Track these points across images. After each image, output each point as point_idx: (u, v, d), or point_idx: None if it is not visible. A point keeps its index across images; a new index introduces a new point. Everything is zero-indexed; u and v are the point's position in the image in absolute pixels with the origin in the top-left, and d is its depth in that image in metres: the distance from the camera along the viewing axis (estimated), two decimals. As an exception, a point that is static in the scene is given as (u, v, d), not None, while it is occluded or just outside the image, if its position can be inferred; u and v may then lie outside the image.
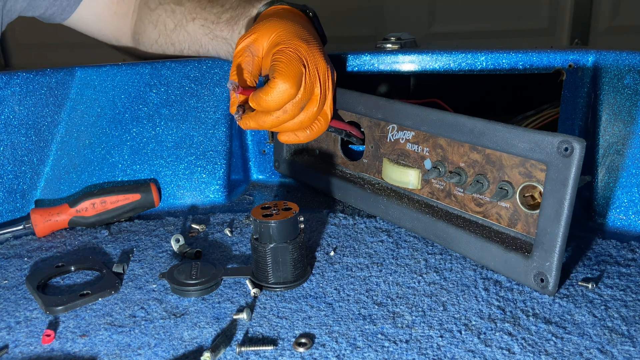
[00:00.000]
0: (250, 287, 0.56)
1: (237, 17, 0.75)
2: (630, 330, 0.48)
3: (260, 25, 0.65)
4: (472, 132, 0.57)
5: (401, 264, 0.60)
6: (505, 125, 0.54)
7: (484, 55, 0.75)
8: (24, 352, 0.48)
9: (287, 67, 0.60)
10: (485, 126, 0.56)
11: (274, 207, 0.57)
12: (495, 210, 0.57)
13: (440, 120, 0.60)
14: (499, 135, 0.54)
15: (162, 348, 0.48)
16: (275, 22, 0.65)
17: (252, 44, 0.65)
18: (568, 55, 0.72)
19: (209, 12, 0.78)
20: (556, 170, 0.50)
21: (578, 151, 0.49)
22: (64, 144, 0.76)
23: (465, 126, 0.57)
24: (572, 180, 0.49)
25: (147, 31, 0.85)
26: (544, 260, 0.52)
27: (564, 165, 0.50)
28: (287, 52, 0.61)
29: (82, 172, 0.76)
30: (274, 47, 0.62)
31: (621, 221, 0.66)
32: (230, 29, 0.76)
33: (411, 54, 0.78)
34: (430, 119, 0.61)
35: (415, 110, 0.62)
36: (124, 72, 0.77)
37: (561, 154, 0.50)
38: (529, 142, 0.52)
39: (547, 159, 0.51)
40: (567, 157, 0.49)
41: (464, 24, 2.26)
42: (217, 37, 0.78)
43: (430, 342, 0.47)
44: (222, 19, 0.77)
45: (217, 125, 0.79)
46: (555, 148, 0.50)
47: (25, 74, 0.73)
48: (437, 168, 0.61)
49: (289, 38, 0.63)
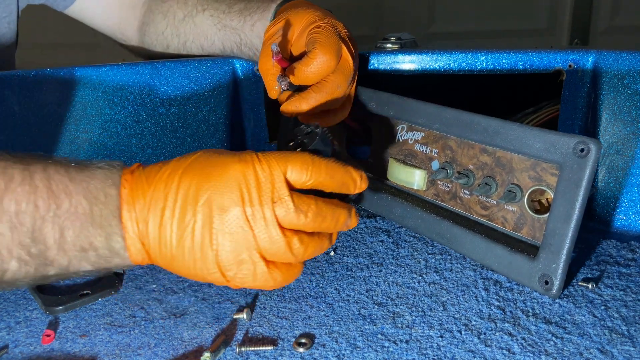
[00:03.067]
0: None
1: (252, 9, 0.74)
2: (630, 330, 0.48)
3: (288, 13, 0.65)
4: (486, 131, 0.56)
5: (401, 264, 0.60)
6: (520, 125, 0.54)
7: (484, 55, 0.75)
8: (23, 352, 0.48)
9: (327, 39, 0.60)
10: (500, 125, 0.55)
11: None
12: (501, 214, 0.57)
13: (454, 118, 0.59)
14: (514, 135, 0.54)
15: (162, 348, 0.48)
16: (305, 7, 0.65)
17: (283, 27, 0.65)
18: (568, 55, 0.72)
19: (220, 3, 0.78)
20: (570, 171, 0.50)
21: (594, 152, 0.49)
22: (64, 144, 0.76)
23: (479, 125, 0.57)
24: (586, 181, 0.49)
25: (156, 21, 0.85)
26: (550, 262, 0.52)
27: (578, 166, 0.49)
28: (326, 27, 0.62)
29: (82, 172, 0.76)
30: (310, 26, 0.63)
31: (621, 221, 0.66)
32: (242, 19, 0.75)
33: (411, 54, 0.78)
34: (444, 116, 0.60)
35: (429, 108, 0.62)
36: (124, 72, 0.77)
37: (577, 154, 0.50)
38: (544, 142, 0.52)
39: (561, 160, 0.51)
40: (583, 158, 0.49)
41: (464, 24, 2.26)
42: (226, 27, 0.77)
43: (430, 342, 0.47)
44: (233, 9, 0.76)
45: (217, 126, 0.79)
46: (571, 149, 0.50)
47: (25, 74, 0.73)
48: (445, 169, 0.61)
49: (324, 16, 0.63)
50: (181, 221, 0.45)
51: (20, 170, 0.44)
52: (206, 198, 0.45)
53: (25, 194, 0.44)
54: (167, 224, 0.45)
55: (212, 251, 0.45)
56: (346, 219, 0.50)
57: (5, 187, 0.43)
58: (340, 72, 0.61)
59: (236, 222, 0.45)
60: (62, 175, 0.45)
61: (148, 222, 0.46)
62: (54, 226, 0.44)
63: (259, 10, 0.74)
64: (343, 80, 0.62)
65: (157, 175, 0.46)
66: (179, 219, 0.45)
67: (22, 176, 0.44)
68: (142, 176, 0.47)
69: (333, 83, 0.61)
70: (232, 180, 0.45)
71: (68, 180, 0.45)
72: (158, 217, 0.45)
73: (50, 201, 0.44)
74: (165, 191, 0.45)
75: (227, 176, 0.45)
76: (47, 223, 0.44)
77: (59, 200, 0.45)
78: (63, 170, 0.45)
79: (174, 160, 0.48)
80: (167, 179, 0.46)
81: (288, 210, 0.46)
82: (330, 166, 0.48)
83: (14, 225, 0.44)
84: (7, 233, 0.43)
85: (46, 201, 0.44)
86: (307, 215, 0.47)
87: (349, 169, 0.50)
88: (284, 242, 0.46)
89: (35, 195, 0.44)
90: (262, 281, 0.47)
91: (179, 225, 0.45)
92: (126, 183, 0.46)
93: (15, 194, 0.43)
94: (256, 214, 0.45)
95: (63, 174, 0.45)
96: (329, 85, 0.61)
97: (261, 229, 0.45)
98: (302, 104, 0.60)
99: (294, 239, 0.47)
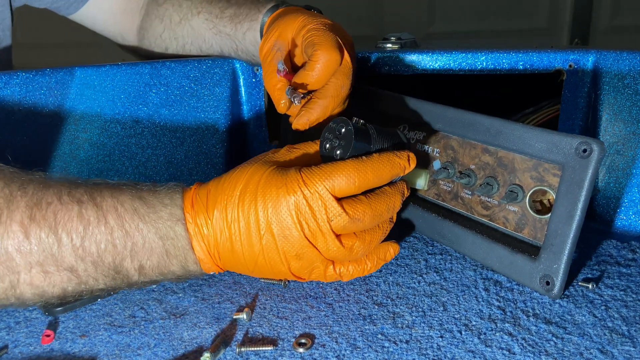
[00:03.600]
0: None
1: (242, 17, 0.75)
2: (630, 330, 0.48)
3: (278, 23, 0.66)
4: (488, 130, 0.56)
5: (401, 264, 0.60)
6: (522, 125, 0.54)
7: (484, 55, 0.75)
8: (23, 352, 0.48)
9: (323, 38, 0.60)
10: (503, 125, 0.55)
11: None
12: (503, 214, 0.57)
13: (456, 118, 0.59)
14: (516, 135, 0.54)
15: (162, 348, 0.48)
16: (291, 15, 0.65)
17: (276, 40, 0.65)
18: (568, 55, 0.72)
19: (214, 6, 0.78)
20: (572, 171, 0.50)
21: (597, 153, 0.49)
22: (64, 144, 0.76)
23: (482, 125, 0.57)
24: (588, 182, 0.49)
25: (153, 25, 0.85)
26: (551, 263, 0.51)
27: (581, 166, 0.49)
28: (318, 27, 0.62)
29: (82, 172, 0.75)
30: (302, 30, 0.63)
31: (621, 221, 0.66)
32: (234, 27, 0.75)
33: (411, 54, 0.78)
34: (447, 116, 0.60)
35: (432, 108, 0.62)
36: (124, 72, 0.77)
37: (579, 155, 0.49)
38: (547, 143, 0.52)
39: (564, 160, 0.51)
40: (585, 159, 0.49)
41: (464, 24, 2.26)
42: (221, 33, 0.77)
43: (431, 343, 0.47)
44: (225, 14, 0.76)
45: (217, 126, 0.79)
46: (573, 149, 0.50)
47: (25, 74, 0.73)
48: (447, 169, 0.61)
49: (313, 18, 0.64)
50: (250, 249, 0.50)
51: (95, 212, 0.49)
52: (267, 228, 0.49)
53: (102, 234, 0.49)
54: (239, 251, 0.51)
55: (285, 267, 0.51)
56: (400, 201, 0.54)
57: (84, 231, 0.48)
58: (340, 72, 0.61)
59: (299, 244, 0.50)
60: (132, 215, 0.50)
61: (219, 249, 0.51)
62: (132, 260, 0.50)
63: (247, 19, 0.74)
64: (345, 79, 0.61)
65: (215, 206, 0.51)
66: (247, 248, 0.50)
67: (97, 219, 0.49)
68: (202, 207, 0.51)
69: (335, 85, 0.61)
70: (287, 213, 0.49)
71: (138, 219, 0.50)
72: (228, 246, 0.51)
73: (126, 240, 0.49)
74: (228, 223, 0.50)
75: (281, 209, 0.49)
76: (126, 259, 0.50)
77: (134, 238, 0.50)
78: (132, 209, 0.50)
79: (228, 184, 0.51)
80: (225, 209, 0.50)
81: (345, 222, 0.49)
82: (375, 167, 0.51)
83: (96, 262, 0.49)
84: (91, 268, 0.49)
85: (122, 240, 0.49)
86: (364, 221, 0.51)
87: (393, 160, 0.52)
88: (345, 251, 0.51)
89: (112, 236, 0.49)
90: (333, 279, 0.54)
91: (250, 251, 0.50)
92: (189, 217, 0.51)
93: (94, 237, 0.49)
94: (316, 235, 0.49)
95: (132, 213, 0.50)
96: (332, 87, 0.60)
97: (323, 246, 0.50)
98: (311, 115, 0.60)
99: (354, 243, 0.51)
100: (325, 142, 0.54)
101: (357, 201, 0.50)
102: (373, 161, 0.51)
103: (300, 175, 0.49)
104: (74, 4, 0.86)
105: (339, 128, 0.53)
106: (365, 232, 0.52)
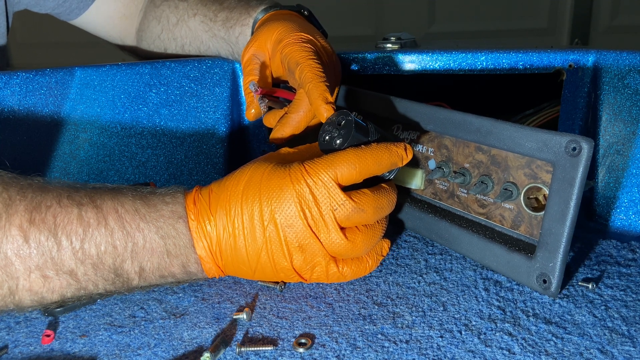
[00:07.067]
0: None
1: (233, 21, 0.75)
2: (630, 330, 0.48)
3: (258, 32, 0.67)
4: (479, 131, 0.57)
5: (401, 264, 0.60)
6: (512, 125, 0.54)
7: (484, 55, 0.75)
8: (23, 352, 0.48)
9: (301, 55, 0.60)
10: (493, 125, 0.55)
11: None
12: (499, 212, 0.57)
13: (447, 118, 0.59)
14: (506, 134, 0.54)
15: (162, 348, 0.48)
16: (271, 24, 0.66)
17: (256, 51, 0.66)
18: (568, 55, 0.72)
19: (208, 9, 0.79)
20: (563, 169, 0.50)
21: (586, 151, 0.49)
22: (64, 144, 0.76)
23: (472, 125, 0.57)
24: (579, 180, 0.49)
25: (151, 27, 0.86)
26: (547, 261, 0.52)
27: (571, 165, 0.49)
28: (293, 44, 0.62)
29: (82, 172, 0.75)
30: (278, 45, 0.63)
31: (621, 221, 0.66)
32: (227, 31, 0.76)
33: (411, 54, 0.78)
34: (437, 117, 0.61)
35: (422, 109, 0.62)
36: (124, 72, 0.77)
37: (569, 153, 0.49)
38: (536, 142, 0.52)
39: (554, 159, 0.51)
40: (575, 157, 0.49)
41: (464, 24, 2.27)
42: (216, 36, 0.78)
43: (431, 343, 0.47)
44: (218, 18, 0.77)
45: (217, 125, 0.79)
46: (563, 147, 0.50)
47: (25, 74, 0.73)
48: (442, 168, 0.61)
49: (289, 32, 0.64)
50: (253, 243, 0.50)
51: (94, 214, 0.49)
52: (270, 218, 0.50)
53: (102, 236, 0.48)
54: (242, 247, 0.51)
55: (287, 262, 0.51)
56: (396, 198, 0.55)
57: (84, 233, 0.48)
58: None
59: (302, 235, 0.50)
60: (133, 215, 0.50)
61: (222, 247, 0.51)
62: (133, 262, 0.50)
63: (238, 24, 0.75)
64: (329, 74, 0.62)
65: (218, 203, 0.51)
66: (251, 242, 0.50)
67: (97, 220, 0.49)
68: (204, 205, 0.51)
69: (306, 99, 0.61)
70: (290, 201, 0.49)
71: (139, 219, 0.50)
72: (230, 243, 0.51)
73: (126, 240, 0.49)
74: (231, 218, 0.50)
75: (285, 198, 0.49)
76: (126, 260, 0.50)
77: (135, 239, 0.49)
78: (132, 209, 0.50)
79: (230, 182, 0.52)
80: (228, 205, 0.50)
81: (349, 211, 0.50)
82: (374, 154, 0.52)
83: (96, 265, 0.49)
84: (91, 271, 0.49)
85: (122, 241, 0.49)
86: (368, 212, 0.51)
87: (391, 148, 0.53)
88: (348, 245, 0.51)
89: (112, 238, 0.49)
90: (335, 279, 0.55)
91: (253, 246, 0.50)
92: (192, 214, 0.51)
93: (94, 239, 0.48)
94: (319, 225, 0.50)
95: (133, 214, 0.50)
96: (303, 102, 0.61)
97: (326, 237, 0.50)
98: (285, 130, 0.62)
99: (358, 237, 0.52)
100: (325, 135, 0.55)
101: (362, 193, 0.51)
102: (372, 149, 0.52)
103: (303, 166, 0.50)
104: (75, 10, 0.86)
105: (339, 119, 0.55)
106: (368, 227, 0.53)
